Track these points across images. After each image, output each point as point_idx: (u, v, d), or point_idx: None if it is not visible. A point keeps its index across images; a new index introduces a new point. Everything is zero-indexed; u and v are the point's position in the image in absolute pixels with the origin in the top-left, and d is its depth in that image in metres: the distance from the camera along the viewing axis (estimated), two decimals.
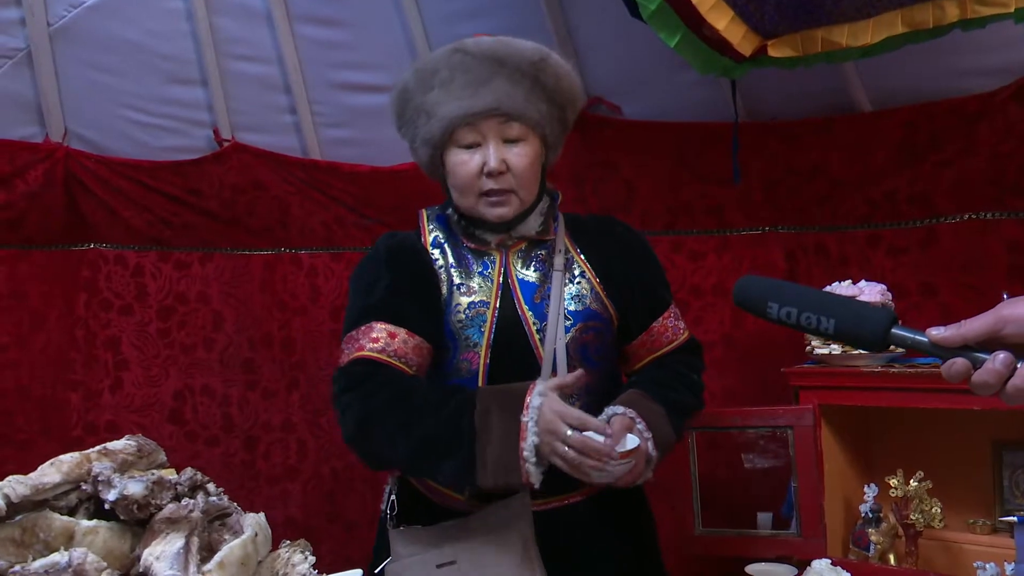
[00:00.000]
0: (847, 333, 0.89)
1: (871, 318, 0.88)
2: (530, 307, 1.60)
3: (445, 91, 1.56)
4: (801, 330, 0.93)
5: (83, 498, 0.91)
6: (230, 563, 0.87)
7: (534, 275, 1.63)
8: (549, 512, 1.57)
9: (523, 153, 1.58)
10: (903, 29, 1.79)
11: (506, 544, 1.45)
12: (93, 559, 0.80)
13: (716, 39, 1.92)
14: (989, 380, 0.80)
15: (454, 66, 1.57)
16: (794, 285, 0.95)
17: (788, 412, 2.13)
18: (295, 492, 2.80)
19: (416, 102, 1.61)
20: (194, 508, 0.88)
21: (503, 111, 1.55)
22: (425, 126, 1.59)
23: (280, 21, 2.62)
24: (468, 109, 1.54)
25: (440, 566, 1.46)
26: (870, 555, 2.09)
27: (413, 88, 1.62)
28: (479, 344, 1.57)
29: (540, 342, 1.57)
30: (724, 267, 2.63)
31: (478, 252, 1.65)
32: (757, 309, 0.94)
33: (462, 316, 1.58)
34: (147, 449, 0.99)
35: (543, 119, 1.61)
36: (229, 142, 2.72)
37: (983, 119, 2.25)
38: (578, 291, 1.63)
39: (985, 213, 2.29)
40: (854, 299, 0.96)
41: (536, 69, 1.58)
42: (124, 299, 2.71)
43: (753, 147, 2.50)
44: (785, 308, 0.91)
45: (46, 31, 2.46)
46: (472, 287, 1.61)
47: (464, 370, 1.58)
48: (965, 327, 0.83)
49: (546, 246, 1.67)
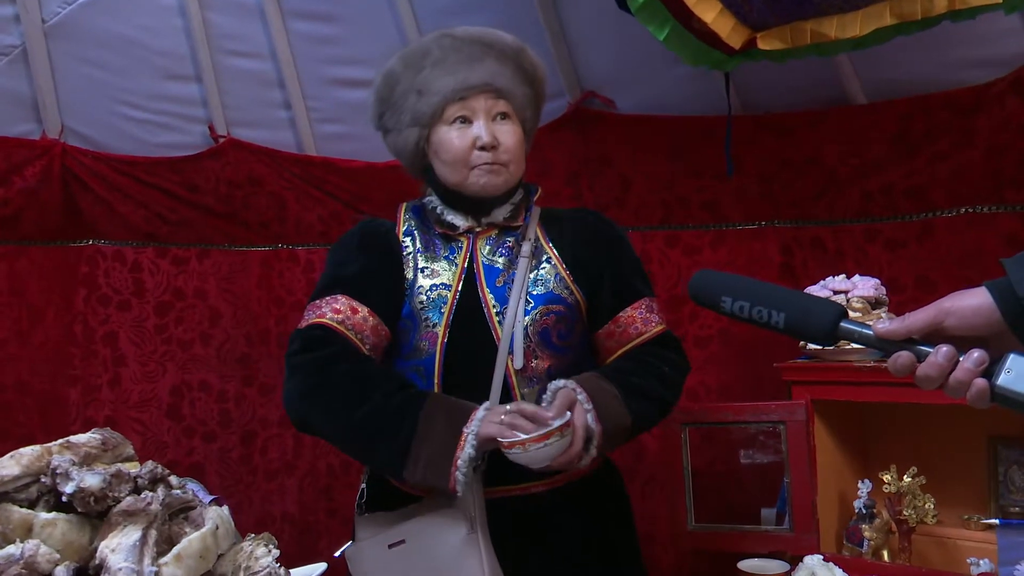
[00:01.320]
0: (796, 327, 0.89)
1: (819, 312, 0.88)
2: (492, 291, 1.61)
3: (439, 68, 1.62)
4: (754, 324, 0.92)
5: (43, 491, 0.91)
6: (188, 555, 0.87)
7: (501, 261, 1.65)
8: (511, 499, 1.57)
9: (511, 131, 1.64)
10: (892, 21, 1.77)
11: (452, 524, 1.48)
12: (46, 551, 0.80)
13: (705, 32, 1.91)
14: (931, 373, 0.79)
15: (445, 47, 1.64)
16: (746, 279, 0.95)
17: (781, 407, 2.12)
18: (292, 487, 2.81)
19: (405, 83, 1.65)
20: (153, 501, 0.87)
21: (495, 87, 1.62)
22: (416, 103, 1.63)
23: (273, 16, 2.63)
24: (463, 83, 1.60)
25: (391, 546, 1.51)
26: (863, 551, 2.08)
27: (400, 71, 1.66)
28: (438, 324, 1.59)
29: (499, 324, 1.58)
30: (720, 261, 2.61)
31: (447, 237, 1.68)
32: (711, 303, 0.95)
33: (423, 298, 1.61)
34: (112, 442, 0.98)
35: (525, 101, 1.69)
36: (225, 138, 2.73)
37: (980, 111, 2.22)
38: (543, 276, 1.64)
39: (982, 206, 2.27)
40: (804, 293, 0.96)
41: (517, 55, 1.68)
42: (122, 295, 2.72)
43: (748, 141, 2.49)
44: (738, 302, 0.92)
45: (41, 28, 2.48)
46: (436, 270, 1.64)
47: (423, 350, 1.60)
48: (909, 320, 0.82)
49: (515, 234, 1.68)
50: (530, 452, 1.40)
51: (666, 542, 2.51)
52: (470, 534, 1.48)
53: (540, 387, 1.57)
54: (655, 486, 2.53)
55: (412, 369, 1.63)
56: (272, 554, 0.96)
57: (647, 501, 2.52)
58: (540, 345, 1.59)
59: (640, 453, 2.58)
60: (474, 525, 1.48)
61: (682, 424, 2.24)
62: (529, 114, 1.71)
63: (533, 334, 1.59)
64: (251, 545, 0.96)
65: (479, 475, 1.51)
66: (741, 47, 1.97)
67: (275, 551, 0.96)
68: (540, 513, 1.60)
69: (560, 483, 1.60)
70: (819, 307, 0.89)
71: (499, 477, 1.53)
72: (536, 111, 1.75)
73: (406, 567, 1.50)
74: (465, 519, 1.48)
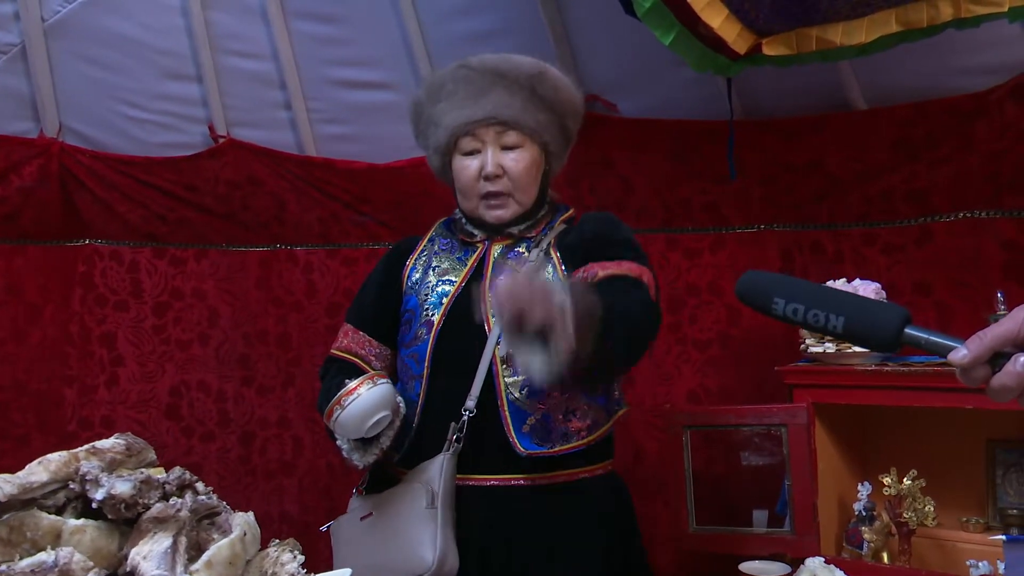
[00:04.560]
0: (857, 332, 0.84)
1: (883, 316, 0.82)
2: (492, 289, 1.62)
3: (449, 102, 1.72)
4: (807, 328, 0.89)
5: (71, 497, 0.91)
6: (218, 562, 0.87)
7: (509, 263, 1.70)
8: (491, 489, 1.62)
9: (519, 158, 1.70)
10: (897, 28, 1.79)
11: (414, 496, 1.55)
12: (80, 558, 0.80)
13: (711, 37, 1.92)
14: (1009, 383, 0.75)
15: (458, 79, 1.72)
16: (801, 281, 0.90)
17: (782, 410, 2.14)
18: (291, 488, 2.81)
19: (427, 114, 1.77)
20: (182, 507, 0.88)
21: (500, 119, 1.69)
22: (434, 135, 1.75)
23: (275, 17, 2.62)
24: (468, 118, 1.69)
25: (363, 518, 1.63)
26: (863, 553, 2.09)
27: (424, 101, 1.78)
28: (435, 313, 1.68)
29: (492, 316, 1.61)
30: (719, 264, 2.63)
31: (464, 243, 1.79)
32: (761, 305, 0.90)
33: (428, 291, 1.72)
34: (136, 448, 0.98)
35: (540, 127, 1.73)
36: (224, 138, 2.72)
37: (979, 117, 2.24)
38: (542, 276, 1.66)
39: (981, 212, 2.29)
40: (866, 297, 0.90)
41: (533, 81, 1.71)
42: (119, 295, 2.71)
43: (749, 145, 2.50)
44: (792, 304, 0.87)
45: (40, 26, 2.46)
46: (447, 269, 1.74)
47: (419, 337, 1.69)
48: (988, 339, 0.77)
49: (529, 242, 1.75)
50: (347, 407, 1.47)
51: (666, 544, 2.52)
52: (428, 508, 1.53)
53: (523, 378, 1.60)
54: (655, 488, 2.54)
55: (409, 356, 1.71)
56: (297, 560, 0.96)
57: (647, 503, 2.53)
58: None
59: (640, 455, 2.59)
60: (434, 500, 1.54)
61: (684, 427, 2.25)
62: (551, 136, 1.75)
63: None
64: (276, 551, 0.96)
65: (452, 453, 1.58)
66: (746, 52, 1.98)
67: (300, 556, 0.97)
68: (520, 506, 1.62)
69: (543, 479, 1.62)
70: (883, 311, 0.83)
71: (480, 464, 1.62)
72: (561, 131, 1.78)
73: (372, 538, 1.59)
74: (425, 492, 1.55)
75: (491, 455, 1.61)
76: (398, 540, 1.54)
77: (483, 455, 1.61)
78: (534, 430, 1.61)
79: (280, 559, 0.95)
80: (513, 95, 1.69)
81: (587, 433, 1.66)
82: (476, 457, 1.61)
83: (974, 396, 1.91)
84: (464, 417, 1.59)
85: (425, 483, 1.56)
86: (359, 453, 1.58)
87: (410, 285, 1.76)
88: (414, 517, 1.54)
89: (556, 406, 1.62)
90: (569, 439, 1.63)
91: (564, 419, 1.64)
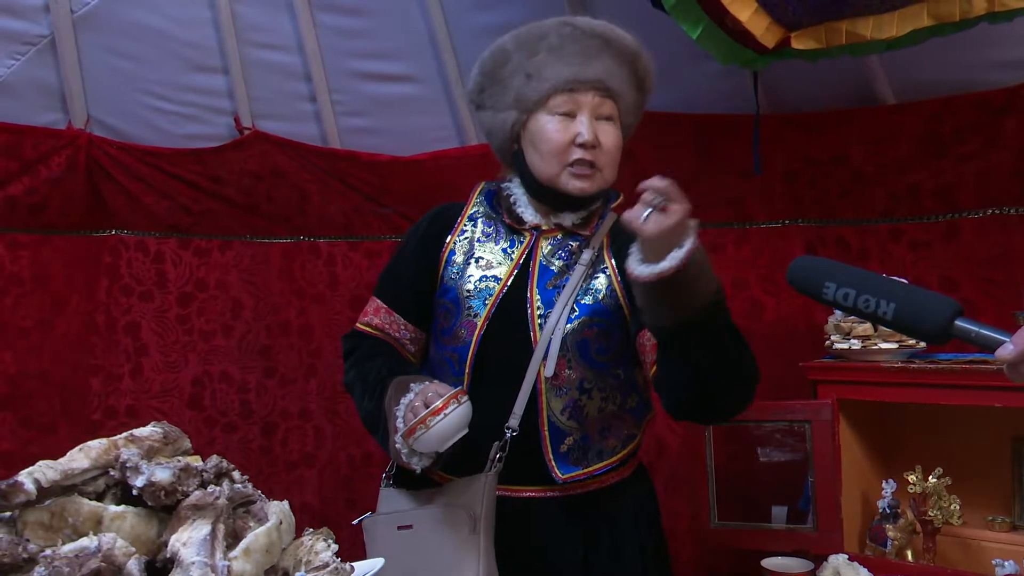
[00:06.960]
0: (906, 320, 0.83)
1: (935, 307, 0.81)
2: (540, 292, 1.57)
3: (554, 55, 1.56)
4: (856, 314, 0.88)
5: (111, 484, 0.92)
6: (255, 550, 0.88)
7: (557, 264, 1.60)
8: (524, 500, 1.57)
9: (613, 134, 1.58)
10: (929, 22, 1.77)
11: (457, 520, 1.49)
12: (122, 544, 0.81)
13: (739, 31, 1.91)
14: None
15: (564, 36, 1.58)
16: (851, 267, 0.90)
17: (806, 406, 2.13)
18: (311, 479, 2.83)
19: (515, 63, 1.59)
20: (220, 495, 0.88)
21: (606, 86, 1.56)
22: (523, 86, 1.58)
23: (301, 9, 2.63)
24: (577, 75, 1.55)
25: (400, 528, 1.54)
26: (887, 551, 2.09)
27: (512, 50, 1.60)
28: (479, 315, 1.57)
29: (540, 328, 1.54)
30: (742, 260, 2.62)
31: (511, 229, 1.64)
32: (812, 290, 0.90)
33: (471, 286, 1.60)
34: (172, 436, 0.99)
35: (631, 107, 1.62)
36: (249, 130, 2.73)
37: (1009, 113, 2.23)
38: (595, 287, 1.58)
39: (1008, 208, 2.27)
40: (916, 286, 0.88)
41: (634, 57, 1.61)
42: (144, 285, 2.73)
43: (773, 139, 2.48)
44: (843, 290, 0.87)
45: (70, 18, 2.47)
46: (490, 261, 1.61)
47: (460, 337, 1.59)
48: None
49: (579, 239, 1.62)
50: (432, 428, 1.38)
51: (686, 538, 2.52)
52: (471, 534, 1.47)
53: (568, 398, 1.54)
54: (677, 482, 2.54)
55: (448, 355, 1.62)
56: (331, 548, 0.97)
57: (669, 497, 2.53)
58: (576, 356, 1.55)
59: (662, 450, 2.58)
60: (476, 526, 1.47)
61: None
62: (631, 120, 1.64)
63: (571, 344, 1.54)
64: (311, 540, 0.97)
65: (493, 474, 1.50)
66: (774, 46, 1.96)
67: (334, 545, 0.97)
68: (549, 518, 1.57)
69: (572, 490, 1.57)
70: (934, 302, 0.82)
71: (514, 478, 1.53)
72: (637, 119, 1.67)
73: (409, 552, 1.51)
74: (468, 518, 1.48)
75: (526, 470, 1.53)
76: (438, 565, 1.48)
77: (517, 468, 1.53)
78: (571, 450, 1.56)
79: (315, 547, 0.95)
80: (620, 65, 1.58)
81: (621, 447, 1.62)
82: (509, 469, 1.52)
83: (1000, 394, 1.90)
84: (507, 436, 1.52)
85: (467, 507, 1.48)
86: (417, 457, 1.46)
87: (450, 274, 1.62)
88: (456, 543, 1.47)
89: (593, 424, 1.57)
90: (603, 456, 1.59)
91: (601, 437, 1.59)
